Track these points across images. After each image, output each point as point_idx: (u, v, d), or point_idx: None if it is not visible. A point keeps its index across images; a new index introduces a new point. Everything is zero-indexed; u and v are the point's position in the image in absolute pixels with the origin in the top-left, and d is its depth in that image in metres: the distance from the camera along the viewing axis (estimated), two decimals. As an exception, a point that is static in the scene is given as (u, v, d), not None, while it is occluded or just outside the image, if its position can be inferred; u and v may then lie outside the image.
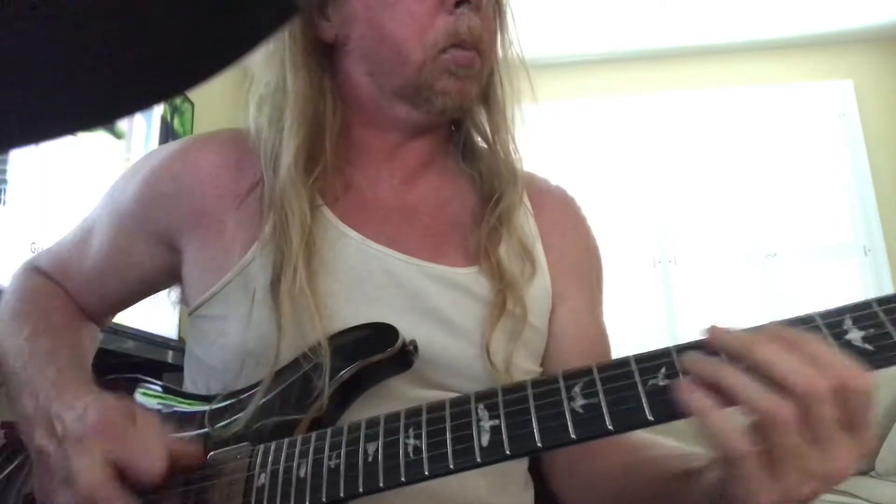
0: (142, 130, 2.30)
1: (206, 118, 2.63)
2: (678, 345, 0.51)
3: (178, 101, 2.53)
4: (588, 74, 3.89)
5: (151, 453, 0.58)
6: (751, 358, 0.47)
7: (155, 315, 2.06)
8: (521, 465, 0.78)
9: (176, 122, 2.55)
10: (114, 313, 0.88)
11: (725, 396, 0.46)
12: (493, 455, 0.52)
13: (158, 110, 2.41)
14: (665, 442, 0.67)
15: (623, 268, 3.59)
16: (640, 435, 0.71)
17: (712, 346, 0.49)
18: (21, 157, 1.62)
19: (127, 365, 2.10)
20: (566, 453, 0.75)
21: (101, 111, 0.27)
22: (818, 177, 3.76)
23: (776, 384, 0.45)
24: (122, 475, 0.57)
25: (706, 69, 3.87)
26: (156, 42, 0.24)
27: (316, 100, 0.77)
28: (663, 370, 0.50)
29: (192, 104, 2.63)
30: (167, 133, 2.45)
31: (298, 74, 0.76)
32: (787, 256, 3.65)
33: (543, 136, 3.68)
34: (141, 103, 0.32)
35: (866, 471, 2.76)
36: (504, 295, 0.73)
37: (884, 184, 3.72)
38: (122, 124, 2.16)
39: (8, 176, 1.59)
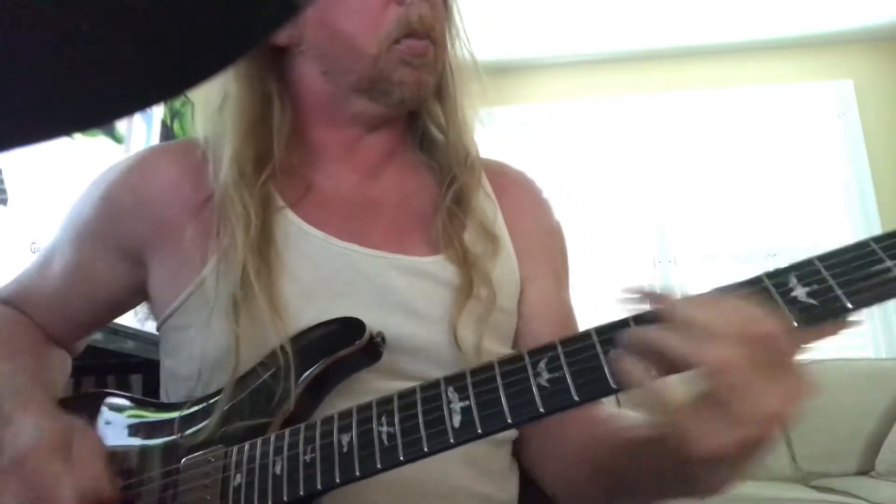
0: (142, 134, 2.30)
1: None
2: (636, 315, 0.52)
3: (178, 104, 2.53)
4: (588, 74, 3.89)
5: (64, 491, 0.59)
6: (675, 314, 0.49)
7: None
8: (505, 451, 0.78)
9: (176, 125, 2.54)
10: (82, 337, 0.86)
11: (660, 360, 0.48)
12: (466, 435, 0.53)
13: (158, 114, 2.40)
14: (626, 413, 0.67)
15: (623, 268, 3.59)
16: (607, 409, 0.72)
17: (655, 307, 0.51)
18: (21, 162, 1.62)
19: (127, 365, 2.09)
20: (538, 436, 0.76)
21: (100, 111, 0.27)
22: (818, 177, 3.76)
23: (697, 337, 0.47)
24: None
25: (706, 69, 3.87)
26: (155, 42, 0.24)
27: (259, 104, 0.77)
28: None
29: (192, 104, 2.63)
30: (167, 137, 2.44)
31: (239, 81, 0.77)
32: (787, 256, 3.62)
33: (543, 136, 3.69)
34: (140, 103, 0.32)
35: (866, 471, 2.77)
36: (470, 278, 0.73)
37: (884, 184, 3.71)
38: (122, 128, 2.16)
39: (7, 179, 1.58)
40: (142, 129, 2.30)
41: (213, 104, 0.79)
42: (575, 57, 3.86)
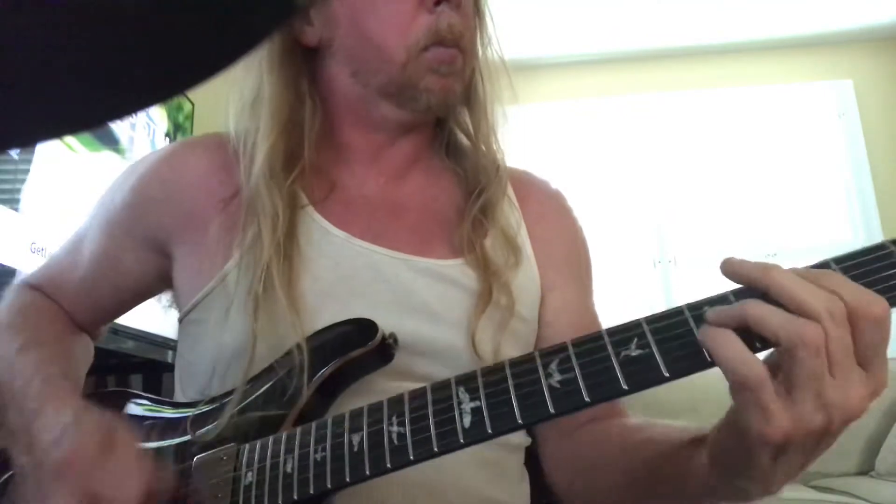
0: (145, 148, 2.31)
1: (206, 119, 2.63)
2: (648, 316, 0.52)
3: (181, 118, 2.54)
4: (587, 74, 3.89)
5: (125, 491, 0.59)
6: (768, 282, 0.47)
7: (155, 315, 2.06)
8: (517, 457, 0.78)
9: (179, 138, 2.55)
10: (107, 322, 0.88)
11: (748, 333, 0.47)
12: (476, 435, 0.53)
13: (161, 127, 2.41)
14: (659, 421, 0.67)
15: (623, 268, 3.59)
16: (636, 419, 0.72)
17: (729, 275, 0.50)
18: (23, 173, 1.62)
19: (127, 365, 2.10)
20: (566, 447, 0.75)
21: (100, 111, 0.27)
22: (818, 177, 3.76)
23: (794, 309, 0.46)
24: None
25: (706, 69, 3.87)
26: (155, 42, 0.24)
27: (292, 103, 0.78)
28: (635, 341, 0.51)
29: (193, 104, 2.63)
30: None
31: (273, 80, 0.78)
32: (787, 256, 3.65)
33: (543, 136, 3.69)
34: (140, 103, 0.32)
35: (866, 471, 2.77)
36: (489, 284, 0.74)
37: (884, 184, 3.72)
38: (125, 141, 2.18)
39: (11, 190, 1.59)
40: (145, 143, 2.31)
41: (245, 99, 0.80)
42: (575, 57, 3.86)
